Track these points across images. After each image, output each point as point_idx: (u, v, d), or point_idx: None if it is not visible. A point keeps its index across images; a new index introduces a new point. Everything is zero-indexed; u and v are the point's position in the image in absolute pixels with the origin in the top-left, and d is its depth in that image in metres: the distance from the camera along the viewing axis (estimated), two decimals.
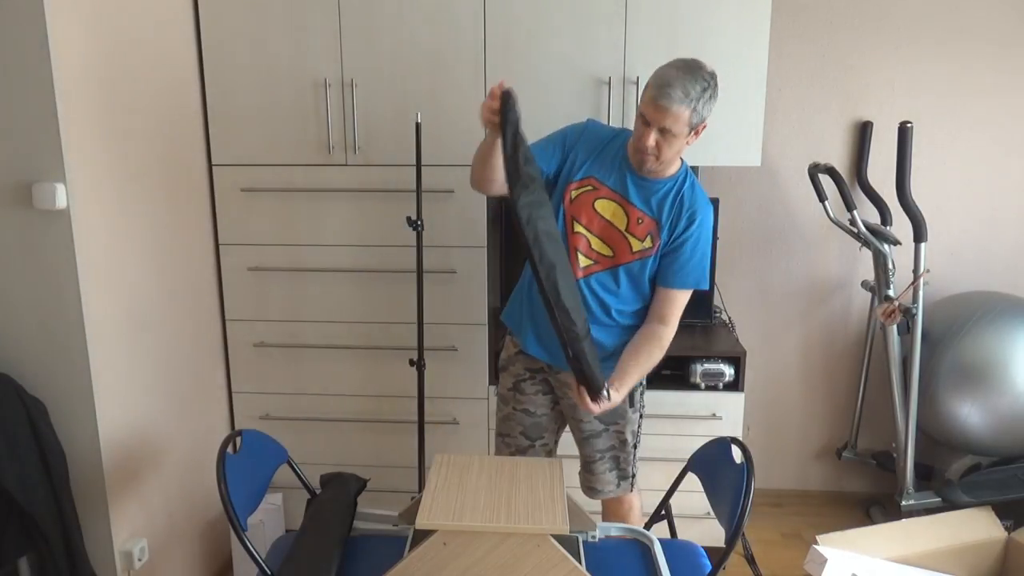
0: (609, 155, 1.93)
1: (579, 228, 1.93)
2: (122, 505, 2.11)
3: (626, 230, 1.91)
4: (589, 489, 2.14)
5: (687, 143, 1.83)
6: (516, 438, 2.13)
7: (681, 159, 1.94)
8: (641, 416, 2.11)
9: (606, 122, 2.47)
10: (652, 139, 1.78)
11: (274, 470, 1.94)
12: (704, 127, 1.83)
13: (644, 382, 2.11)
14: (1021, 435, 2.66)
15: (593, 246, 1.93)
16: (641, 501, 2.20)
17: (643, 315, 1.99)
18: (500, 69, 2.45)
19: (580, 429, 2.08)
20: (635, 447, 2.11)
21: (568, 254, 1.93)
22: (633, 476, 2.12)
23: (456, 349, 2.61)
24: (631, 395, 2.06)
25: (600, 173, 1.92)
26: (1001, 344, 2.60)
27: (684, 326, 2.74)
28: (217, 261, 2.64)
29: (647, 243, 1.90)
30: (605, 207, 1.92)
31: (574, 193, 1.93)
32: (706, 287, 1.96)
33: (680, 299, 1.94)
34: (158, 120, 2.27)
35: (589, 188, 1.92)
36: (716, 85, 1.77)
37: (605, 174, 1.92)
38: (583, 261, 1.95)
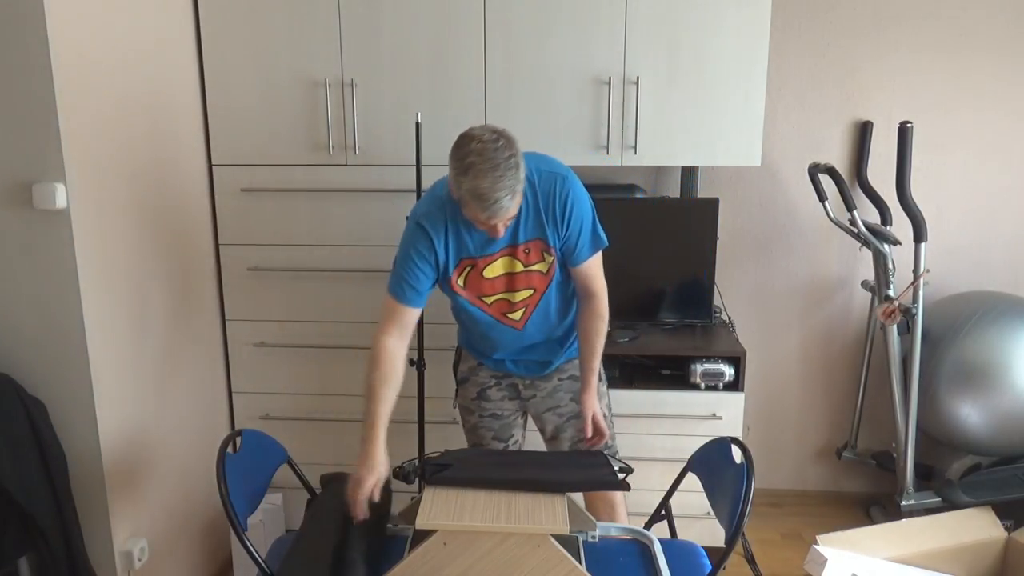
0: (459, 232, 1.84)
1: (491, 299, 1.92)
2: (122, 505, 2.11)
3: (526, 267, 1.89)
4: None
5: None
6: (489, 443, 2.13)
7: None
8: (607, 388, 2.15)
9: (606, 122, 2.48)
10: (502, 230, 1.74)
11: (274, 470, 1.94)
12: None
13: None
14: (1021, 435, 2.66)
15: (514, 300, 1.93)
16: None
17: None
18: (500, 69, 2.45)
19: (559, 415, 2.08)
20: (611, 422, 2.12)
21: (497, 320, 1.94)
22: (616, 452, 2.12)
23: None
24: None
25: (464, 251, 1.86)
26: (1001, 344, 2.60)
27: (684, 326, 2.77)
28: (217, 261, 2.64)
29: (548, 259, 1.89)
30: (493, 269, 1.89)
31: (461, 282, 1.90)
32: (607, 244, 1.91)
33: (593, 267, 1.92)
34: (158, 120, 2.27)
35: (468, 268, 1.89)
36: (514, 145, 1.67)
37: (466, 248, 1.85)
38: (515, 316, 1.95)
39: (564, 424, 2.08)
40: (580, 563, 1.51)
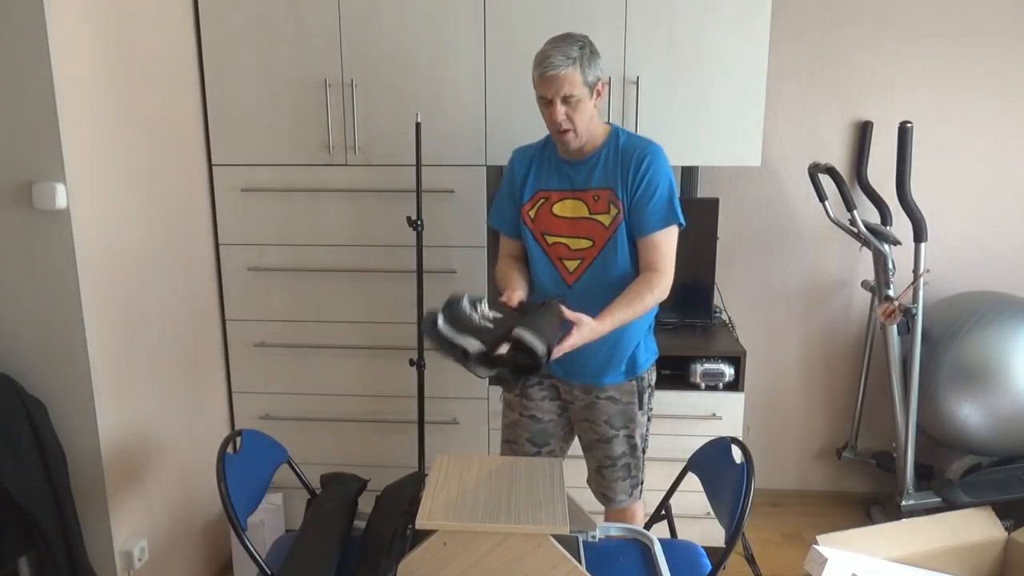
0: (543, 163, 2.01)
1: (552, 239, 1.98)
2: (122, 505, 2.11)
3: (591, 214, 1.94)
4: (602, 496, 2.12)
5: (595, 105, 1.89)
6: (522, 445, 2.11)
7: (608, 124, 1.99)
8: (649, 420, 2.10)
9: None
10: (561, 113, 1.83)
11: (274, 470, 1.94)
12: (604, 85, 1.91)
13: (652, 384, 2.09)
14: (1021, 435, 2.66)
15: (573, 247, 1.96)
16: (644, 507, 2.19)
17: None
18: (500, 69, 2.45)
19: (593, 431, 2.05)
20: (644, 451, 2.10)
21: (554, 265, 1.98)
22: (641, 483, 2.11)
23: None
24: (640, 397, 2.04)
25: (543, 183, 1.99)
26: (1001, 344, 2.60)
27: (684, 326, 2.77)
28: (217, 261, 2.64)
29: (613, 211, 1.92)
30: (562, 208, 1.96)
31: (532, 213, 2.00)
32: (681, 221, 1.92)
33: (661, 241, 1.90)
34: (158, 120, 2.27)
35: (542, 201, 1.99)
36: (591, 43, 1.86)
37: (546, 181, 1.99)
38: (570, 265, 1.97)
39: (596, 443, 2.06)
40: (580, 563, 1.51)
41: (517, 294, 1.89)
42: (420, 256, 2.37)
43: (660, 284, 1.88)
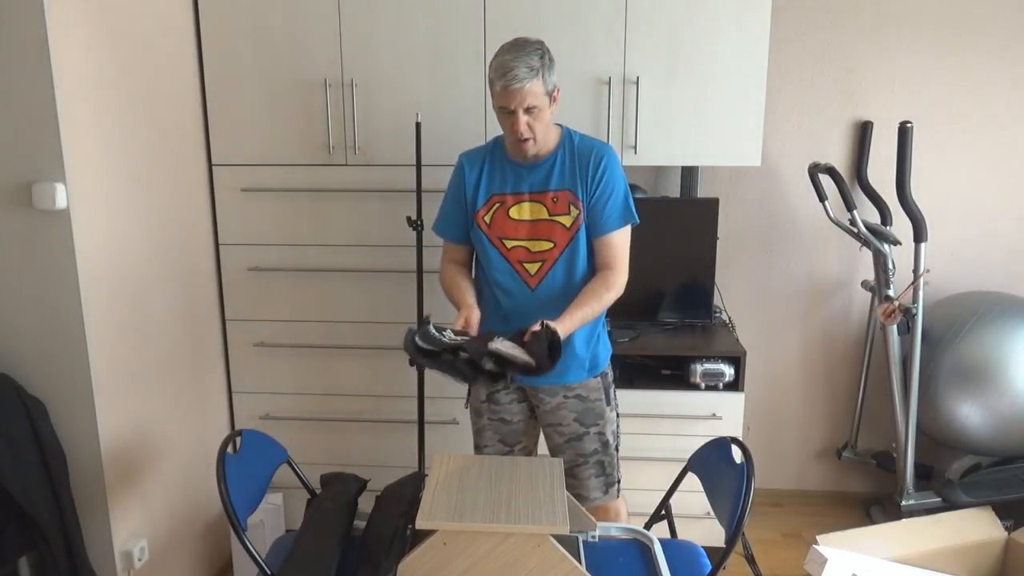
0: (495, 167, 1.98)
1: (511, 243, 1.96)
2: (122, 505, 2.11)
3: (551, 216, 1.93)
4: (576, 495, 2.11)
5: (552, 112, 1.90)
6: (495, 446, 2.12)
7: (558, 125, 1.99)
8: (618, 415, 2.11)
9: (606, 122, 2.48)
10: (523, 123, 1.83)
11: (274, 470, 1.94)
12: (559, 92, 1.90)
13: (613, 381, 2.09)
14: (1021, 435, 2.66)
15: (533, 249, 1.95)
16: (627, 507, 2.18)
17: None
18: None
19: (560, 434, 2.05)
20: (617, 448, 2.10)
21: (514, 269, 1.96)
22: (618, 482, 2.11)
23: None
24: (606, 393, 2.05)
25: (496, 187, 1.97)
26: (1001, 344, 2.60)
27: (684, 326, 2.77)
28: (217, 261, 2.64)
29: (574, 212, 1.92)
30: (519, 211, 1.95)
31: (487, 218, 1.97)
32: (636, 220, 1.96)
33: (617, 241, 1.94)
34: (158, 120, 2.27)
35: (497, 205, 1.97)
36: (547, 49, 1.85)
37: (500, 185, 1.97)
38: (531, 268, 1.96)
39: (563, 445, 2.06)
40: (580, 563, 1.52)
41: (475, 315, 1.87)
42: (420, 256, 2.37)
43: (617, 282, 1.93)
